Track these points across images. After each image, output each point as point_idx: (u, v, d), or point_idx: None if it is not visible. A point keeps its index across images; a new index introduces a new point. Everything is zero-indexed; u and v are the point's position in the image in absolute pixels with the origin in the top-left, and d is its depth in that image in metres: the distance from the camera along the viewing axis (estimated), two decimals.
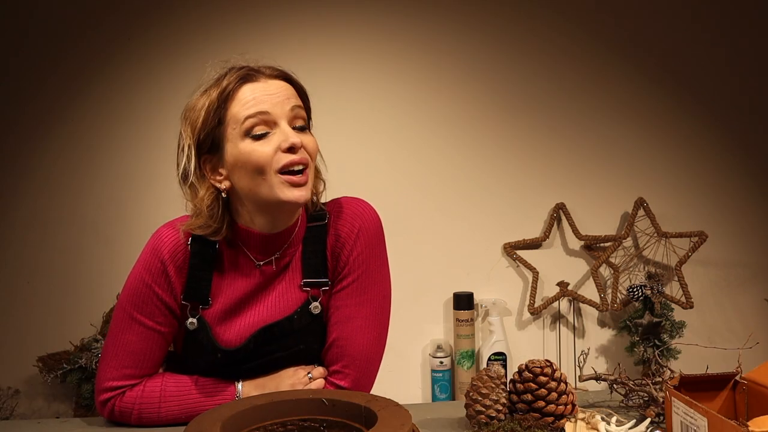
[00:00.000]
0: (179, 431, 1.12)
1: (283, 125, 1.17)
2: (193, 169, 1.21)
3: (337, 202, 1.30)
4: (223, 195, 1.22)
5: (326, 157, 1.30)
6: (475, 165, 2.32)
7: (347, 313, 1.25)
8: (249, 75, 1.19)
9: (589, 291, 2.32)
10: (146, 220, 2.07)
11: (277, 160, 1.16)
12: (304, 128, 1.22)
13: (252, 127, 1.16)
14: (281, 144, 1.16)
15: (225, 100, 1.18)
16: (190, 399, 1.22)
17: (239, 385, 1.23)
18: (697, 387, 1.02)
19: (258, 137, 1.16)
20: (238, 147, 1.17)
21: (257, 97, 1.17)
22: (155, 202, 2.17)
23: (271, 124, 1.17)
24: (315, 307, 1.25)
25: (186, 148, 1.21)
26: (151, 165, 2.21)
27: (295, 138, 1.16)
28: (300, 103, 1.22)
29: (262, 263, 1.25)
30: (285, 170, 1.16)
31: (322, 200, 1.32)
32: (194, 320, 1.24)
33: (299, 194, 1.17)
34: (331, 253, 1.26)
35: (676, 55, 2.36)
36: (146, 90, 2.24)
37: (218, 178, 1.21)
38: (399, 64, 2.30)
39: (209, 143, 1.20)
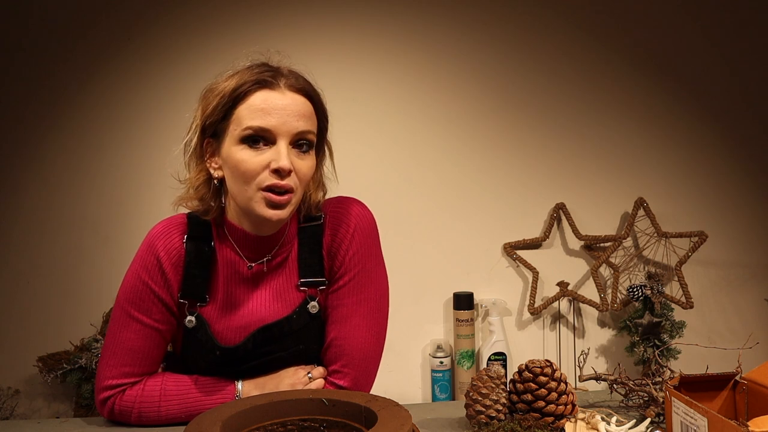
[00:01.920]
0: (179, 431, 1.12)
1: (281, 144, 1.15)
2: (194, 147, 1.22)
3: (332, 202, 1.30)
4: (215, 182, 1.23)
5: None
6: (475, 165, 2.32)
7: (345, 313, 1.25)
8: (268, 81, 1.17)
9: (589, 291, 2.32)
10: (146, 220, 2.07)
11: (263, 179, 1.15)
12: (306, 151, 1.19)
13: (249, 137, 1.16)
14: (271, 163, 1.15)
15: (236, 99, 1.17)
16: (190, 398, 1.22)
17: (239, 384, 1.23)
18: (697, 387, 1.02)
19: (252, 146, 1.16)
20: (232, 149, 1.17)
21: (266, 108, 1.15)
22: (155, 202, 2.17)
23: (270, 138, 1.16)
24: (313, 306, 1.25)
25: (194, 126, 1.22)
26: (151, 165, 2.22)
27: (284, 163, 1.14)
28: (311, 124, 1.19)
29: (253, 264, 1.25)
30: (268, 189, 1.16)
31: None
32: (192, 318, 1.24)
33: (275, 214, 1.17)
34: (328, 252, 1.26)
35: (676, 55, 2.36)
36: (146, 90, 2.24)
37: (214, 165, 1.22)
38: (399, 64, 2.30)
39: (212, 131, 1.21)
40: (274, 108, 1.15)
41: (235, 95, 1.17)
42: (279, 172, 1.15)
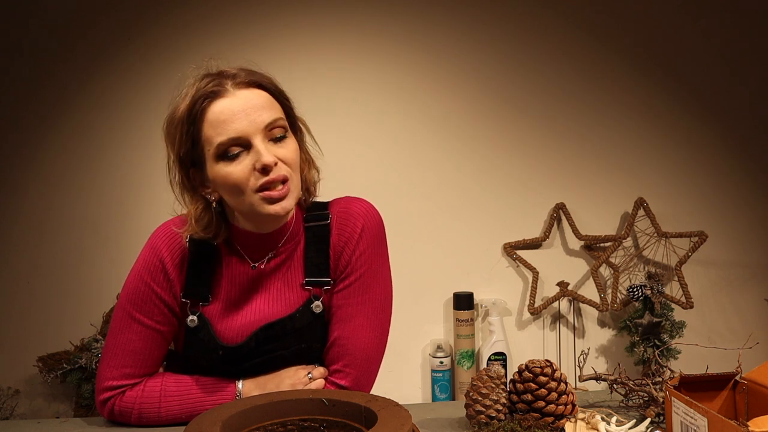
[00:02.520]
0: (179, 431, 1.12)
1: (257, 142, 1.15)
2: (181, 182, 1.22)
3: (339, 202, 1.30)
4: (214, 205, 1.22)
5: (326, 158, 1.31)
6: (475, 165, 2.32)
7: (349, 312, 1.25)
8: (215, 91, 1.16)
9: (589, 291, 2.32)
10: (146, 220, 2.07)
11: (254, 182, 1.15)
12: (283, 137, 1.18)
13: (225, 151, 1.15)
14: (255, 164, 1.14)
15: (194, 121, 1.16)
16: (191, 398, 1.22)
17: (239, 384, 1.23)
18: (697, 387, 1.02)
19: (232, 158, 1.15)
20: (214, 169, 1.17)
21: (228, 119, 1.14)
22: (155, 202, 2.17)
23: (245, 143, 1.15)
24: (317, 306, 1.25)
25: (171, 163, 1.22)
26: (151, 165, 2.21)
27: (267, 158, 1.14)
28: (275, 111, 1.18)
29: (257, 263, 1.25)
30: (263, 188, 1.16)
31: (322, 199, 1.32)
32: (194, 318, 1.24)
33: (279, 208, 1.17)
34: (334, 252, 1.26)
35: (676, 55, 2.36)
36: (146, 90, 2.24)
37: (207, 190, 1.22)
38: (399, 64, 2.30)
39: (190, 161, 1.20)
40: (233, 114, 1.14)
41: (191, 119, 1.16)
42: (265, 170, 1.15)
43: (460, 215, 2.32)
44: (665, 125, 2.36)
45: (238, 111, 1.15)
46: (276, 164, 1.15)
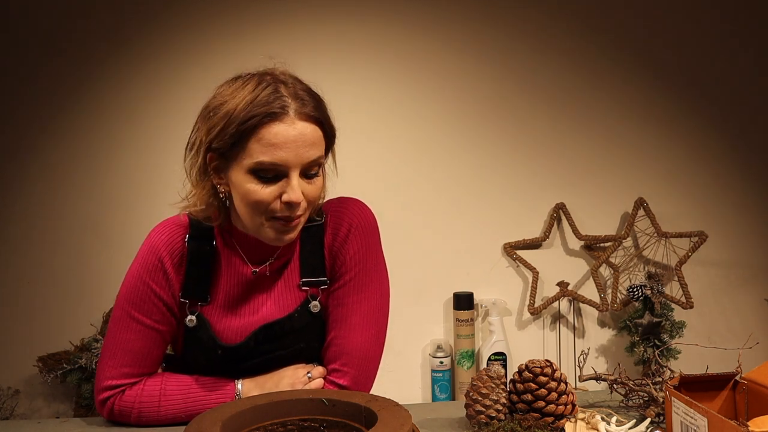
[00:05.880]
0: (179, 431, 1.12)
1: (293, 177, 1.14)
2: (199, 165, 1.20)
3: (333, 202, 1.31)
4: (222, 197, 1.22)
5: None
6: (475, 165, 2.32)
7: (344, 312, 1.25)
8: (277, 113, 1.14)
9: (589, 291, 2.32)
10: (146, 220, 2.06)
11: (273, 208, 1.15)
12: (315, 174, 1.19)
13: (261, 170, 1.14)
14: (282, 195, 1.15)
15: (246, 130, 1.13)
16: (190, 397, 1.22)
17: (239, 384, 1.23)
18: (697, 387, 1.02)
19: (264, 180, 1.15)
20: (241, 177, 1.15)
21: (278, 144, 1.13)
22: (155, 202, 2.17)
23: (283, 171, 1.15)
24: (314, 305, 1.25)
25: (197, 143, 1.19)
26: (151, 165, 2.21)
27: (297, 196, 1.14)
28: (321, 148, 1.18)
29: (257, 269, 1.25)
30: (277, 218, 1.16)
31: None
32: (193, 317, 1.24)
33: (283, 238, 1.19)
34: (329, 251, 1.27)
35: (676, 55, 2.36)
36: (146, 90, 2.24)
37: (220, 180, 1.21)
38: (400, 64, 2.30)
39: (219, 152, 1.18)
40: (285, 142, 1.13)
41: (244, 127, 1.13)
42: (291, 205, 1.15)
43: (460, 215, 2.32)
44: (665, 125, 2.36)
45: (291, 141, 1.14)
46: (300, 202, 1.16)
